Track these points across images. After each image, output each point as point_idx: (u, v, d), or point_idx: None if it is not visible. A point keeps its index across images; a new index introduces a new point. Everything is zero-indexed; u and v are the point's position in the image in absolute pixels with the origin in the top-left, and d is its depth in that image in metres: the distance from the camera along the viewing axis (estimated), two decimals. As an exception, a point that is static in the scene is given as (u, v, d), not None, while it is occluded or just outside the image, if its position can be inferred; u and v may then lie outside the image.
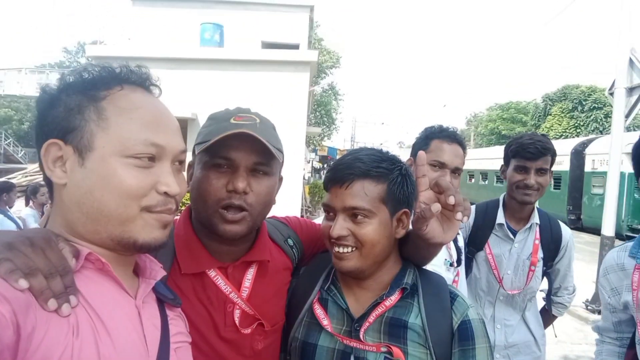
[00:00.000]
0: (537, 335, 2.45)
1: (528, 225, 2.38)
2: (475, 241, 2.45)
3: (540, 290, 2.57)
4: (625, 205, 13.93)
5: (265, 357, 1.26)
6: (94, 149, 0.79)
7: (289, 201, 9.57)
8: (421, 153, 1.22)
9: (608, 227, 6.93)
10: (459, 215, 1.11)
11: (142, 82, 0.88)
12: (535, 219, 2.40)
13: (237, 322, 1.19)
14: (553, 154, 2.27)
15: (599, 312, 6.82)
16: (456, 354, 1.18)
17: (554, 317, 2.64)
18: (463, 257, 2.10)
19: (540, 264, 2.38)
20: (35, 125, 0.84)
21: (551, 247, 2.41)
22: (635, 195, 14.14)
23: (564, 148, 16.70)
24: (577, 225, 16.20)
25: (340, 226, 1.18)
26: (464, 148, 1.99)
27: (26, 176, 15.30)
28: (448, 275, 1.87)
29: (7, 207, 5.81)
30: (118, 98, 0.82)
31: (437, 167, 1.90)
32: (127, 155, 0.79)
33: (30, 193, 6.58)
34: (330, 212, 1.23)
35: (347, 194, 1.18)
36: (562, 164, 16.64)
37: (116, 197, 0.78)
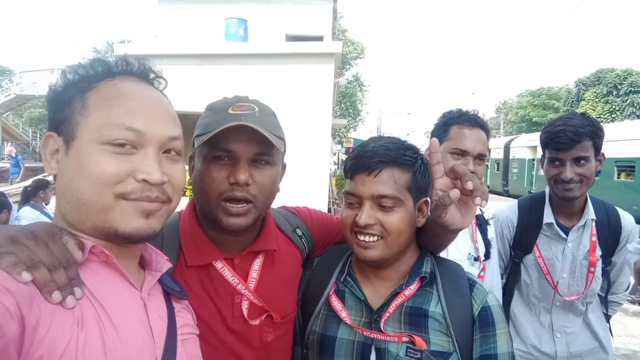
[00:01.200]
0: (604, 339, 2.18)
1: (582, 223, 2.09)
2: (522, 243, 2.19)
3: None
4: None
5: (276, 349, 1.25)
6: (76, 137, 0.79)
7: (316, 194, 9.58)
8: (434, 140, 1.20)
9: None
10: (477, 200, 1.09)
11: (137, 73, 0.87)
12: (590, 214, 2.09)
13: (245, 313, 1.18)
14: (594, 136, 1.93)
15: None
16: (477, 340, 1.18)
17: (609, 317, 2.30)
18: (494, 251, 1.98)
19: (599, 263, 2.07)
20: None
21: (609, 241, 2.10)
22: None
23: (499, 143, 27.47)
24: (506, 192, 25.76)
25: (368, 214, 1.17)
26: (487, 132, 1.86)
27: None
28: (472, 270, 1.78)
29: (44, 203, 5.94)
30: (104, 87, 0.83)
31: (459, 156, 1.77)
32: (103, 141, 0.78)
33: (36, 188, 6.49)
34: (354, 200, 1.21)
35: (375, 181, 1.17)
36: (499, 154, 27.09)
37: (90, 184, 0.77)
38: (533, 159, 22.28)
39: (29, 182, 6.13)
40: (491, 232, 1.99)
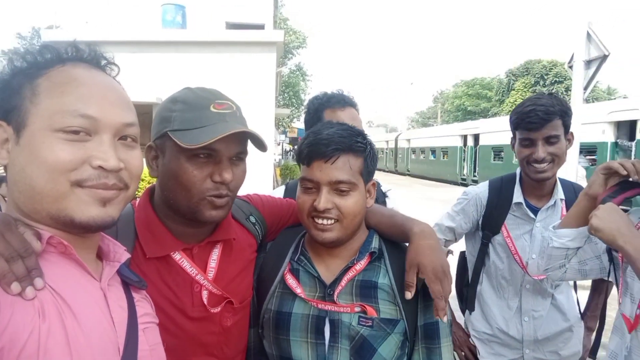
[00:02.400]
0: (573, 319, 2.16)
1: (551, 203, 2.07)
2: (490, 223, 2.16)
3: None
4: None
5: (234, 332, 1.28)
6: (26, 125, 0.77)
7: (260, 184, 9.52)
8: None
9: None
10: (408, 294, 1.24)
11: (88, 59, 0.85)
12: (560, 194, 2.07)
13: (205, 301, 1.19)
14: (563, 115, 1.93)
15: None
16: (421, 309, 1.29)
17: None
18: None
19: None
20: None
21: None
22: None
23: (392, 137, 35.37)
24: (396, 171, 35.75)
25: (326, 199, 1.23)
26: (356, 108, 1.93)
27: None
28: None
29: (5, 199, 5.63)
30: (55, 74, 0.80)
31: None
32: (55, 129, 0.76)
33: None
34: (311, 185, 1.26)
35: (333, 168, 1.23)
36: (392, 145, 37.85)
37: (44, 172, 0.75)
38: (408, 148, 35.43)
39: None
40: (390, 204, 2.01)
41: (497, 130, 20.53)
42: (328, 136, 1.24)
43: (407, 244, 1.36)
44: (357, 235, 1.34)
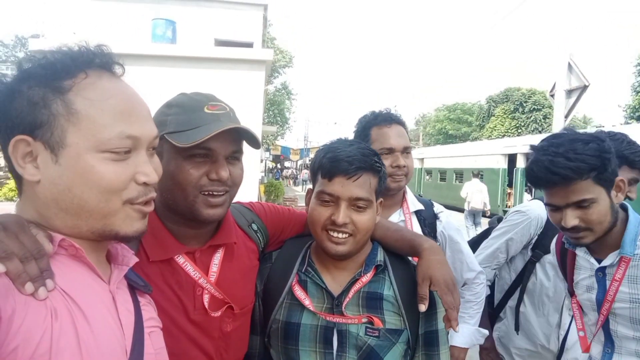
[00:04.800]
0: None
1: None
2: (544, 243, 2.17)
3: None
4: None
5: (234, 338, 1.30)
6: (67, 145, 0.77)
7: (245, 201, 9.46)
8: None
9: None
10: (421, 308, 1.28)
11: (106, 65, 0.85)
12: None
13: (206, 305, 1.21)
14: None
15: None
16: (422, 319, 1.35)
17: None
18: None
19: None
20: None
21: None
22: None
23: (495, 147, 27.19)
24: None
25: (345, 214, 1.28)
26: (404, 125, 1.95)
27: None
28: None
29: None
30: (85, 88, 0.79)
31: (387, 154, 1.84)
32: (102, 150, 0.78)
33: None
34: (330, 199, 1.30)
35: (354, 185, 1.28)
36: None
37: (97, 194, 0.78)
38: (421, 169, 30.27)
39: None
40: (440, 227, 2.02)
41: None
42: (351, 154, 1.29)
43: (410, 258, 1.42)
44: (364, 248, 1.39)
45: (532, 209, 2.28)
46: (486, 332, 2.18)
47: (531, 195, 15.62)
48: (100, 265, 0.87)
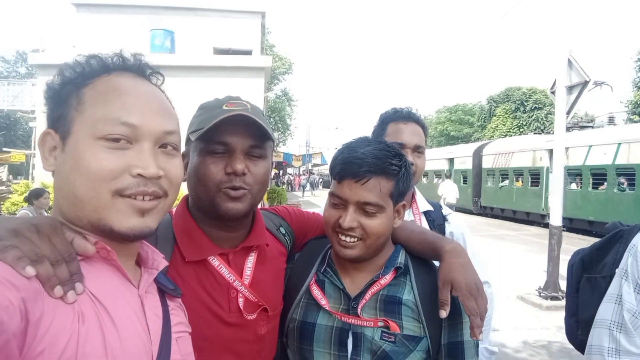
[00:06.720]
0: None
1: None
2: None
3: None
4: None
5: (268, 341, 1.29)
6: (71, 133, 0.79)
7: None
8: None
9: (555, 218, 7.34)
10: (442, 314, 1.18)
11: (135, 69, 0.87)
12: None
13: (241, 307, 1.21)
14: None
15: (552, 299, 7.20)
16: (445, 327, 1.27)
17: None
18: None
19: None
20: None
21: None
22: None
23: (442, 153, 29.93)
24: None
25: (352, 218, 1.23)
26: (422, 126, 1.93)
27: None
28: None
29: (43, 210, 6.40)
30: (100, 83, 0.82)
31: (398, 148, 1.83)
32: (97, 136, 0.78)
33: (32, 195, 6.72)
34: (339, 202, 1.27)
35: (362, 188, 1.23)
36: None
37: (85, 180, 0.77)
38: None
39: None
40: (450, 229, 1.99)
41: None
42: (363, 155, 1.23)
43: (435, 262, 1.36)
44: (383, 251, 1.34)
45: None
46: (496, 349, 2.07)
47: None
48: (130, 269, 0.87)
